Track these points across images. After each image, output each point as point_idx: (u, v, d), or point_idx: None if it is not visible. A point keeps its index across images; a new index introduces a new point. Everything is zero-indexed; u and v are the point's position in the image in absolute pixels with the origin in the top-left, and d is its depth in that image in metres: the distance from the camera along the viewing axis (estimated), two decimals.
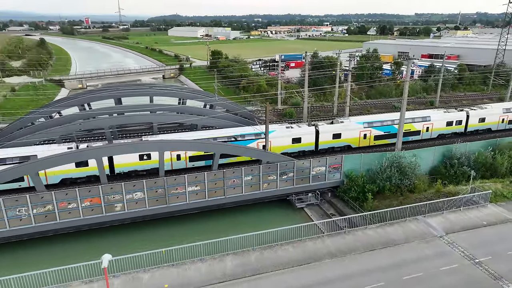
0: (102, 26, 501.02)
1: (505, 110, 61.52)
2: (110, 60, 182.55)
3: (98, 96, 60.39)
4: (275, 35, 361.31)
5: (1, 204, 31.70)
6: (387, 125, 53.92)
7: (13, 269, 25.61)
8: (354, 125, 52.67)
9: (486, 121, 59.70)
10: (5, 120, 67.59)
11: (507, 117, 61.65)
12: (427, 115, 56.91)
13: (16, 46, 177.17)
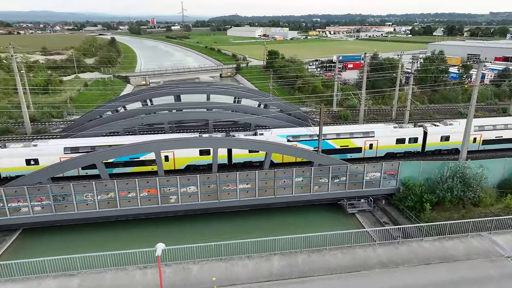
0: (166, 26, 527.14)
1: (478, 128, 51.43)
2: (171, 59, 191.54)
3: (159, 93, 63.70)
4: (334, 36, 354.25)
5: (71, 189, 34.76)
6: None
7: (77, 249, 27.86)
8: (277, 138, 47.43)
9: (451, 140, 50.97)
10: (78, 112, 73.85)
11: (481, 136, 52.13)
12: (371, 130, 49.95)
13: (90, 45, 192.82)
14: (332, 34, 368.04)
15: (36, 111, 71.34)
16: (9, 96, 79.08)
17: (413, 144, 50.62)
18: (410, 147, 50.67)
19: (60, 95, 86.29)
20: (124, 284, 23.66)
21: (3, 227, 35.22)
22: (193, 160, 46.23)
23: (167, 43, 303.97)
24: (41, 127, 64.72)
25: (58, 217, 35.38)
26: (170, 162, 45.56)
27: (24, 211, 34.61)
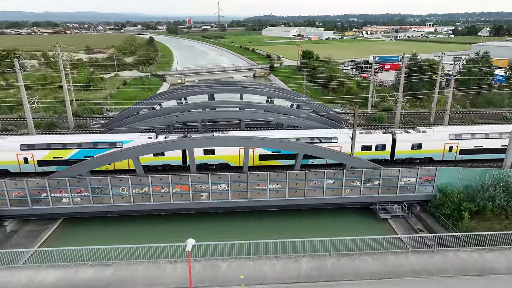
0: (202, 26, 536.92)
1: (455, 136, 48.27)
2: (206, 58, 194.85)
3: (194, 91, 65.03)
4: (371, 36, 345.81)
5: (108, 182, 36.25)
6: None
7: (113, 240, 29.06)
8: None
9: (424, 148, 48.06)
10: (117, 109, 76.84)
11: (458, 145, 48.50)
12: (333, 136, 47.25)
13: (130, 44, 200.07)
14: (369, 34, 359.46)
15: (79, 106, 74.97)
16: (55, 92, 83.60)
17: (380, 152, 48.15)
18: (377, 155, 48.09)
19: (101, 92, 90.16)
20: (155, 277, 24.38)
21: (46, 216, 37.33)
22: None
23: (203, 43, 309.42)
24: (82, 122, 67.94)
25: (96, 208, 37.01)
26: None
27: (65, 202, 36.50)
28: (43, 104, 71.36)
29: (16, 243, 34.21)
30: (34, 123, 57.38)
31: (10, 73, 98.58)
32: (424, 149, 48.36)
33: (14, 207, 35.96)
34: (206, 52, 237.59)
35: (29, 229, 37.01)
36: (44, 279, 23.95)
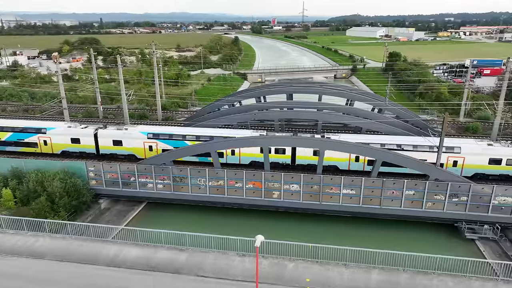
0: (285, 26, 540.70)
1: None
2: (287, 57, 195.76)
3: (273, 90, 65.89)
4: (469, 37, 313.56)
5: (188, 172, 38.70)
6: (178, 140, 48.54)
7: (188, 227, 30.82)
8: (137, 134, 49.52)
9: (330, 156, 42.95)
10: (200, 104, 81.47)
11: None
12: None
13: (216, 43, 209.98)
14: (467, 35, 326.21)
15: (167, 100, 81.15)
16: (148, 86, 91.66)
17: (281, 155, 47.21)
18: (278, 158, 47.13)
19: (187, 87, 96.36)
20: (224, 267, 25.36)
21: (133, 198, 41.25)
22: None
23: (285, 43, 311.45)
24: (169, 115, 73.38)
25: (175, 196, 39.79)
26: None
27: (149, 187, 39.91)
28: (138, 96, 78.73)
29: (107, 220, 38.44)
30: (129, 114, 63.63)
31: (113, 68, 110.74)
32: (331, 157, 43.50)
33: (108, 187, 40.41)
34: (287, 51, 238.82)
35: (118, 208, 41.30)
36: (127, 255, 26.50)
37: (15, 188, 37.35)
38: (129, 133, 49.98)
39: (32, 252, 26.81)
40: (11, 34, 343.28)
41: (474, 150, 43.09)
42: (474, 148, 43.41)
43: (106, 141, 50.24)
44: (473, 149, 43.27)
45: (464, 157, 43.16)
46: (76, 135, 50.87)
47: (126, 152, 50.19)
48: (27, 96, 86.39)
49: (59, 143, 51.25)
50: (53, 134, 51.28)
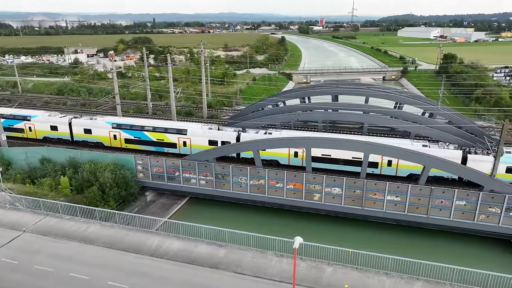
0: (334, 26, 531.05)
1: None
2: (334, 58, 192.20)
3: (318, 91, 65.05)
4: None
5: (230, 170, 39.35)
6: (137, 130, 52.26)
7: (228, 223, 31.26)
8: (103, 124, 53.39)
9: (272, 151, 45.91)
10: (244, 103, 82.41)
11: (303, 151, 44.91)
12: (184, 128, 50.93)
13: (263, 43, 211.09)
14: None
15: (213, 99, 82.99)
16: (195, 85, 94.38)
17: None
18: None
19: (232, 86, 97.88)
20: (261, 266, 25.49)
21: (177, 193, 42.71)
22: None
23: (332, 43, 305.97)
24: (214, 113, 75.00)
25: (217, 192, 40.64)
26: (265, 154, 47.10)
27: (192, 182, 41.10)
28: (185, 94, 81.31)
29: (152, 212, 40.16)
30: (176, 111, 65.87)
31: (163, 66, 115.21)
32: (269, 152, 46.05)
33: (154, 181, 42.18)
34: (334, 52, 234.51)
35: (163, 201, 42.99)
36: (169, 247, 27.50)
37: (71, 177, 40.16)
38: (97, 123, 54.05)
39: (84, 238, 28.67)
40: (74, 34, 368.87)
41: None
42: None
43: (79, 129, 54.77)
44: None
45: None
46: (54, 123, 55.69)
47: (95, 139, 54.36)
48: (85, 91, 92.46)
49: (41, 129, 56.45)
50: (36, 122, 56.43)
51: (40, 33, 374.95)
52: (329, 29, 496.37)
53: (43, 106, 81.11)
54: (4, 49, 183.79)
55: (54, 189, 39.14)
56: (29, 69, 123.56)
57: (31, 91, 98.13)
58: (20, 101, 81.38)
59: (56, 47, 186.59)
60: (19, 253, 26.87)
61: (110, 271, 25.08)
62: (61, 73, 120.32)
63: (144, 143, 52.21)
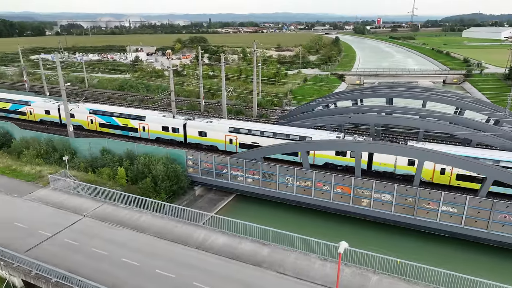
0: (391, 26, 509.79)
1: (234, 130, 49.75)
2: (390, 59, 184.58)
3: (371, 94, 62.88)
4: None
5: (276, 170, 39.46)
6: (108, 116, 58.25)
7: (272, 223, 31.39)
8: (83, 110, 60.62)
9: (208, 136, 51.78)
10: (294, 104, 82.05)
11: (236, 139, 49.38)
12: (143, 115, 56.86)
13: (316, 43, 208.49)
14: None
15: (263, 98, 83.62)
16: (246, 84, 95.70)
17: (176, 134, 53.58)
18: (174, 136, 53.82)
19: (283, 86, 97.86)
20: (304, 268, 25.30)
21: (224, 189, 43.70)
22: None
23: (389, 44, 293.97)
24: (264, 112, 75.53)
25: (263, 191, 40.96)
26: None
27: (240, 180, 41.80)
28: (236, 93, 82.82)
29: (200, 206, 41.47)
30: (227, 109, 67.28)
31: (216, 65, 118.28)
32: (209, 137, 51.25)
33: (203, 176, 43.51)
34: (391, 53, 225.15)
35: (210, 197, 44.24)
36: (215, 241, 28.26)
37: (127, 168, 42.70)
38: (78, 109, 61.26)
39: (136, 226, 30.40)
40: (136, 33, 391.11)
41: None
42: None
43: (36, 110, 64.42)
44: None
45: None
46: (48, 108, 64.02)
47: (77, 123, 60.26)
48: (143, 88, 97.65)
49: (38, 113, 65.18)
50: (34, 106, 65.28)
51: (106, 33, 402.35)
52: (386, 29, 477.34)
53: (106, 101, 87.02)
54: (75, 47, 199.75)
55: (112, 178, 41.85)
56: (95, 66, 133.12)
57: (96, 86, 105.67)
58: (86, 95, 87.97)
59: (119, 45, 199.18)
60: (79, 236, 29.17)
61: (159, 260, 26.35)
62: (122, 70, 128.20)
63: (113, 127, 58.36)
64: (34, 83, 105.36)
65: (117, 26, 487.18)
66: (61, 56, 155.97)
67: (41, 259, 25.67)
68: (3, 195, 36.08)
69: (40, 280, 24.77)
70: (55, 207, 33.50)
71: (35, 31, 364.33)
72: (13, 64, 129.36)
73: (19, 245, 27.75)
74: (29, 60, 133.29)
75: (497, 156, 39.72)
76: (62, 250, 27.42)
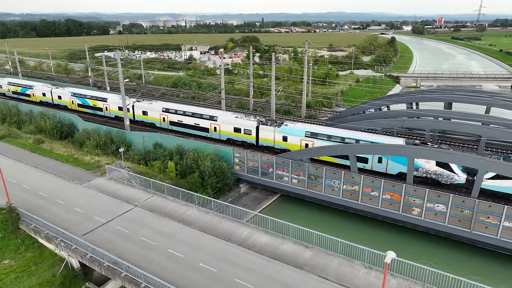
0: (454, 26, 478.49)
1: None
2: (451, 61, 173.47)
3: (428, 97, 59.56)
4: None
5: (323, 172, 38.74)
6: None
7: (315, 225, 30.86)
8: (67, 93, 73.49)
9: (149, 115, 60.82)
10: (345, 105, 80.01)
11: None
12: (105, 97, 68.27)
13: (370, 43, 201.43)
14: None
15: (312, 99, 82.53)
16: (296, 84, 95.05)
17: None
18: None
19: (334, 87, 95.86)
20: (347, 275, 24.56)
21: (269, 188, 43.77)
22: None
23: (451, 44, 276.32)
24: (313, 113, 74.52)
25: (308, 193, 40.45)
26: None
27: (285, 180, 41.62)
28: (285, 93, 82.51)
29: (244, 203, 41.93)
30: (275, 108, 67.25)
31: (267, 65, 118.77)
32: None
33: (249, 174, 43.92)
34: (452, 54, 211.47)
35: (255, 195, 44.55)
36: (257, 240, 28.37)
37: (177, 162, 44.29)
38: (64, 91, 73.87)
39: (183, 219, 31.42)
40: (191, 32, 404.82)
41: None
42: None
43: (56, 96, 75.55)
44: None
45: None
46: (44, 91, 77.49)
47: (62, 103, 74.29)
48: (196, 85, 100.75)
49: (38, 95, 78.92)
50: (35, 90, 79.56)
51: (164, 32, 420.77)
52: (448, 29, 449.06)
53: (160, 97, 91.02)
54: (135, 46, 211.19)
55: (162, 171, 43.66)
56: (152, 64, 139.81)
57: (152, 83, 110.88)
58: (142, 92, 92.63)
59: (175, 44, 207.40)
60: (131, 224, 30.79)
61: (203, 253, 27.01)
62: (177, 68, 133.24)
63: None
64: (97, 79, 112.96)
65: (174, 25, 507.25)
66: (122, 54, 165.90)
67: (96, 244, 27.44)
68: (66, 181, 39.10)
69: (94, 263, 26.50)
70: (110, 195, 35.65)
71: (101, 30, 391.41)
72: (80, 61, 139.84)
73: (77, 229, 29.89)
74: (94, 57, 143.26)
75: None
76: (115, 237, 29.10)
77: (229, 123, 53.35)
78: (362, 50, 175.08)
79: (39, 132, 55.65)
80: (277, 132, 49.20)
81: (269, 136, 50.12)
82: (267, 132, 50.26)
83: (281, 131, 48.95)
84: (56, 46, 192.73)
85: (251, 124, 51.40)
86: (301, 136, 47.64)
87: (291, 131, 48.50)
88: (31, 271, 27.34)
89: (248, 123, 51.87)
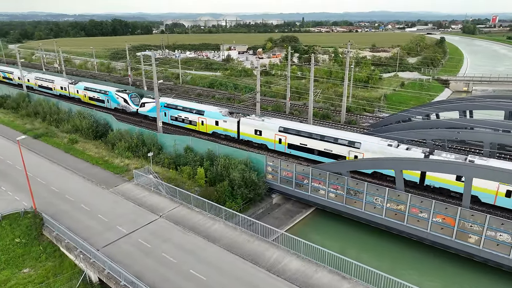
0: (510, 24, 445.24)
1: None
2: (508, 63, 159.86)
3: (483, 105, 53.48)
4: None
5: (364, 187, 34.95)
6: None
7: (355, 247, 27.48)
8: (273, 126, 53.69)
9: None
10: (388, 111, 74.67)
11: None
12: (64, 86, 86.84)
13: (417, 44, 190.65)
14: None
15: (353, 103, 77.87)
16: (335, 86, 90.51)
17: None
18: None
19: (376, 91, 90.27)
20: None
21: (303, 201, 40.49)
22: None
23: (507, 45, 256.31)
24: (353, 119, 70.05)
25: (346, 209, 36.74)
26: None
27: (321, 193, 38.20)
28: (324, 96, 78.50)
29: (276, 216, 39.04)
30: (313, 112, 63.68)
31: (305, 66, 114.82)
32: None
33: (282, 184, 40.92)
34: (508, 56, 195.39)
35: (288, 207, 41.45)
36: (287, 265, 25.42)
37: (207, 169, 42.22)
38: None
39: (208, 235, 29.10)
40: (231, 32, 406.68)
41: None
42: None
43: (57, 86, 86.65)
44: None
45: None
46: (62, 85, 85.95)
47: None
48: (232, 86, 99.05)
49: (58, 89, 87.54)
50: (55, 84, 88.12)
51: (204, 31, 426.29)
52: (503, 28, 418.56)
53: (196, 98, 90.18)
54: (175, 45, 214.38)
55: (192, 177, 41.79)
56: (190, 63, 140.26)
57: (188, 82, 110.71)
58: (178, 91, 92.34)
59: (214, 44, 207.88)
60: (153, 237, 28.94)
61: (226, 276, 24.53)
62: (214, 68, 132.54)
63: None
64: (136, 77, 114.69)
65: (214, 25, 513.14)
66: (162, 53, 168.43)
67: (115, 258, 25.78)
68: (94, 185, 38.25)
69: (111, 280, 24.82)
70: (135, 203, 34.16)
71: (144, 30, 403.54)
72: (122, 60, 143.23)
73: (98, 239, 28.49)
74: (135, 56, 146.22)
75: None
76: (135, 251, 27.36)
77: (41, 79, 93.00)
78: (407, 51, 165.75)
79: (75, 132, 55.99)
80: None
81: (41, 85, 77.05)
82: (57, 85, 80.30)
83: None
84: (101, 45, 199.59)
85: (51, 78, 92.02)
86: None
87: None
88: (49, 284, 26.17)
89: (50, 77, 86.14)
